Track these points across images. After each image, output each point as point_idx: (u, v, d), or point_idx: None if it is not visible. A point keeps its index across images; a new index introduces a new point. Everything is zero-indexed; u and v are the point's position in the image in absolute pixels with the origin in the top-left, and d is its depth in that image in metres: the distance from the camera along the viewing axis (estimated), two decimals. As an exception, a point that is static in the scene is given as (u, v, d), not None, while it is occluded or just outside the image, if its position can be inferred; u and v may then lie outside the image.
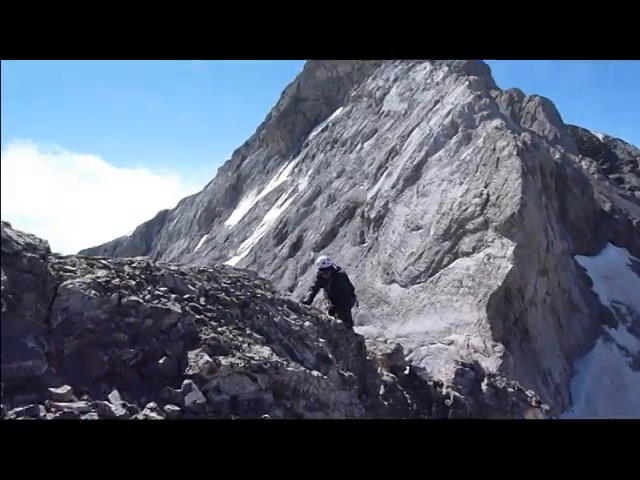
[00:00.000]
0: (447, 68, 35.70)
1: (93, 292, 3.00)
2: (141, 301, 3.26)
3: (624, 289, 26.45)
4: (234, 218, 51.05)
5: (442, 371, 8.80)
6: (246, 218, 46.84)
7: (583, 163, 40.13)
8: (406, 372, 7.13)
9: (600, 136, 50.01)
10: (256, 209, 46.62)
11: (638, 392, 20.67)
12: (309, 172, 42.78)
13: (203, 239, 52.95)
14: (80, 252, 74.87)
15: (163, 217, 71.89)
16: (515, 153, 21.14)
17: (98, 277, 3.18)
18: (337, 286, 7.41)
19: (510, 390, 9.08)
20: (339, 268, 7.86)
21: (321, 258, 7.95)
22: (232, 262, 38.54)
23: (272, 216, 41.16)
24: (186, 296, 3.85)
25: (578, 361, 21.61)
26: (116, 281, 3.30)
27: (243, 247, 40.81)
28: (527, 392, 9.74)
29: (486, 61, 49.25)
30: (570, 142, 43.18)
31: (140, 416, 2.46)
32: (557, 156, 30.39)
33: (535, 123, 43.41)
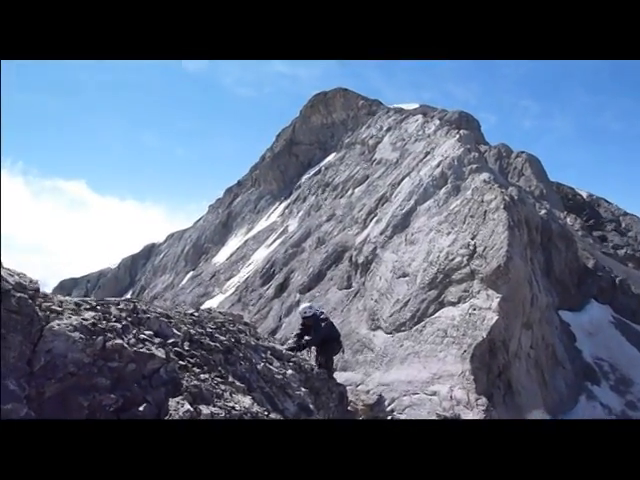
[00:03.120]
0: (438, 121, 36.93)
1: (79, 335, 3.00)
2: (126, 345, 3.26)
3: (607, 346, 26.51)
4: (222, 255, 50.92)
5: (424, 424, 8.68)
6: (234, 256, 46.75)
7: (568, 219, 41.08)
8: (387, 424, 7.03)
9: (584, 194, 51.44)
10: (244, 248, 46.62)
11: (621, 453, 20.41)
12: (299, 214, 43.19)
13: (189, 275, 52.54)
14: (62, 282, 73.62)
15: (150, 251, 71.49)
16: (502, 207, 21.62)
17: (85, 319, 3.18)
18: (320, 334, 7.40)
19: (492, 447, 8.99)
20: (322, 313, 7.83)
21: (303, 306, 7.97)
22: (217, 300, 38.17)
23: (260, 256, 41.15)
24: (170, 341, 3.85)
25: (561, 417, 21.38)
26: (102, 324, 3.30)
27: (229, 285, 40.54)
28: (509, 449, 9.64)
29: (475, 116, 51.06)
30: (555, 198, 44.33)
31: (116, 466, 2.42)
32: (543, 212, 31.11)
33: (522, 178, 44.65)
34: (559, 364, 23.38)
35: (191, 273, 52.52)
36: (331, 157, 49.82)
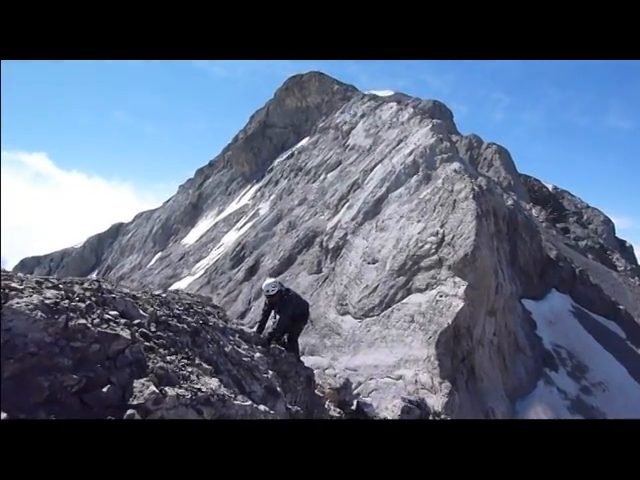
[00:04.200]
0: (412, 110, 37.08)
1: (40, 313, 2.90)
2: (89, 325, 3.17)
3: (565, 334, 27.59)
4: (191, 237, 50.23)
5: (389, 407, 8.86)
6: (204, 238, 46.18)
7: (533, 211, 42.17)
8: (353, 407, 7.14)
9: (550, 187, 52.84)
10: (214, 230, 46.09)
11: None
12: (271, 197, 42.89)
13: (157, 256, 51.67)
14: (23, 260, 71.31)
15: (117, 230, 69.84)
16: (471, 196, 22.01)
17: (47, 298, 3.08)
18: (287, 315, 7.06)
19: (453, 429, 9.26)
20: (287, 290, 7.43)
21: (267, 283, 7.44)
22: (185, 282, 37.72)
23: (230, 238, 40.78)
24: (136, 321, 3.77)
25: (520, 402, 22.18)
26: (65, 302, 3.20)
27: (198, 267, 40.08)
28: (469, 432, 9.95)
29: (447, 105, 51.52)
30: (522, 190, 45.39)
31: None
32: (510, 202, 31.83)
33: (491, 169, 45.47)
34: (520, 351, 24.18)
35: (159, 254, 51.65)
36: (304, 141, 49.49)
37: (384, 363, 18.79)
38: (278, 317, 6.97)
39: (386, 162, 29.55)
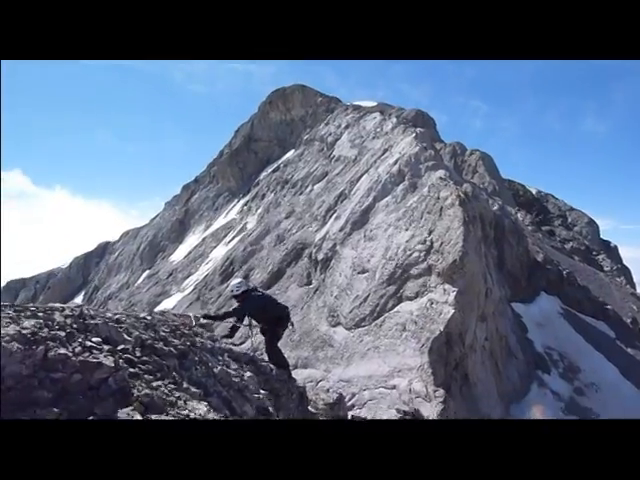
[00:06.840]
0: (396, 119, 37.39)
1: (17, 345, 2.79)
2: (70, 354, 3.06)
3: (556, 336, 27.73)
4: (179, 253, 49.84)
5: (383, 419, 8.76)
6: (192, 254, 45.85)
7: (519, 215, 42.60)
8: (348, 422, 7.04)
9: (534, 191, 53.42)
10: (202, 245, 45.80)
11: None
12: (258, 211, 42.80)
13: (145, 274, 51.15)
14: (9, 283, 70.14)
15: (104, 249, 69.10)
16: (457, 203, 22.12)
17: (24, 328, 2.97)
18: (247, 305, 6.52)
19: (449, 439, 9.19)
20: (255, 289, 6.93)
21: (233, 283, 6.94)
22: (175, 299, 37.34)
23: (219, 253, 40.54)
24: (120, 347, 3.66)
25: (515, 406, 22.15)
26: (44, 332, 3.09)
27: (187, 284, 39.73)
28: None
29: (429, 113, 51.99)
30: (507, 195, 45.84)
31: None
32: (495, 207, 32.08)
33: (476, 175, 45.89)
34: (512, 355, 24.22)
35: (147, 272, 51.15)
36: (290, 154, 49.60)
37: (378, 373, 18.67)
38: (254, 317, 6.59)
39: (372, 172, 29.68)
